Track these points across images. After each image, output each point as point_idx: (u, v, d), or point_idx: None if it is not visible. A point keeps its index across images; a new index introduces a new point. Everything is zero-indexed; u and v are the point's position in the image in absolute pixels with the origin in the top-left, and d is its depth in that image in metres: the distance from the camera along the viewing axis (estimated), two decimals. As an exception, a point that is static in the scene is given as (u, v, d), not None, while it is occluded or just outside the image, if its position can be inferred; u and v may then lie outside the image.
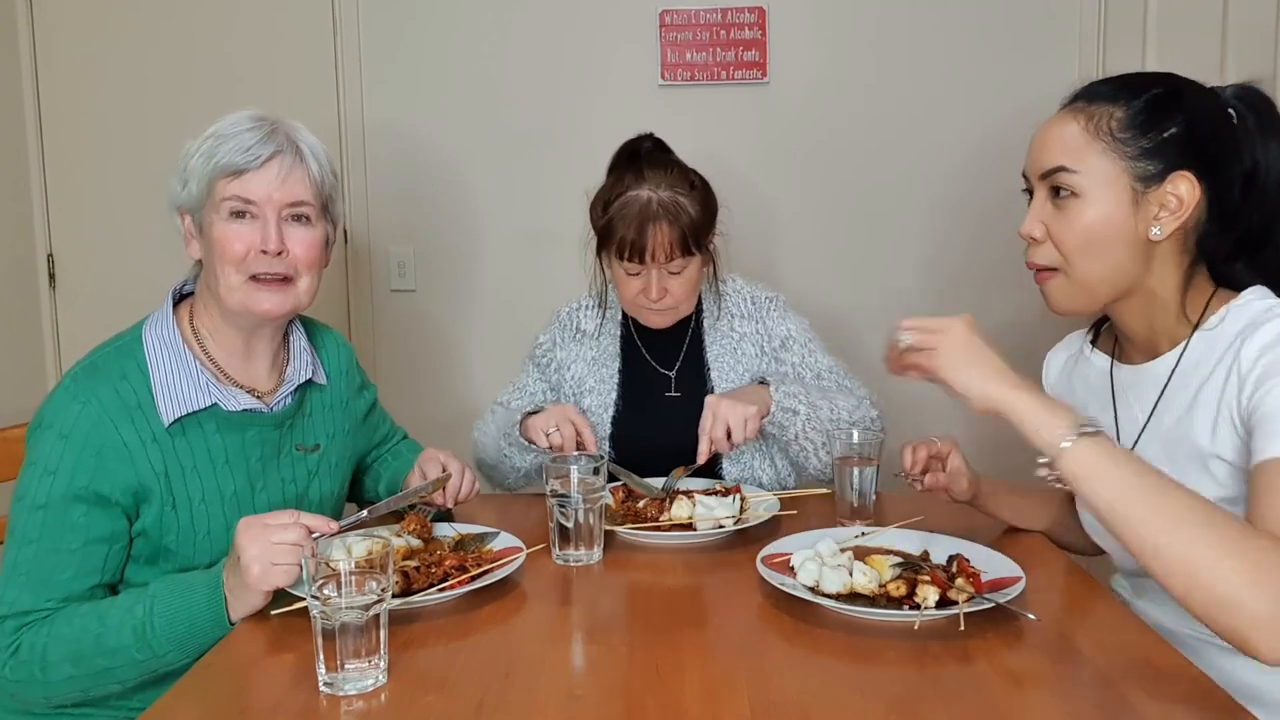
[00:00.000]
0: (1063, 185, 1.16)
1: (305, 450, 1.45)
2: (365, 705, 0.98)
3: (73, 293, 2.72)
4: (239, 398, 1.35)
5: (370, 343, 2.76)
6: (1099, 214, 1.15)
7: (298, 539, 1.14)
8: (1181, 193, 1.13)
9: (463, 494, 1.51)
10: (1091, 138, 1.15)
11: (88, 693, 1.23)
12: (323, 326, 1.59)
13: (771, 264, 2.65)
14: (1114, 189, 1.14)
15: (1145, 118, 1.14)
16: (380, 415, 1.71)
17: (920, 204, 2.65)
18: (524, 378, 1.90)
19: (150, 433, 1.28)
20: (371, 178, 2.69)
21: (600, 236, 1.71)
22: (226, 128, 1.32)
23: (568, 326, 1.87)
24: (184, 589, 1.20)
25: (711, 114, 2.63)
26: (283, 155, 1.32)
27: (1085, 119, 1.16)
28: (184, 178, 1.33)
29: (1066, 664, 1.05)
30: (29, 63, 2.66)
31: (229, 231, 1.31)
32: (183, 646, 1.19)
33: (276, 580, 1.14)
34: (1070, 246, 1.17)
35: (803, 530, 1.40)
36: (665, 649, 1.09)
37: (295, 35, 2.65)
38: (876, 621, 1.13)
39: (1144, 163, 1.14)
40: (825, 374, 1.79)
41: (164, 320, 1.36)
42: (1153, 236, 1.15)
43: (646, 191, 1.65)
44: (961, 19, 2.58)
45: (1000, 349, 1.09)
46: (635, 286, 1.69)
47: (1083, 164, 1.15)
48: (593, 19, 2.62)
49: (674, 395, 1.80)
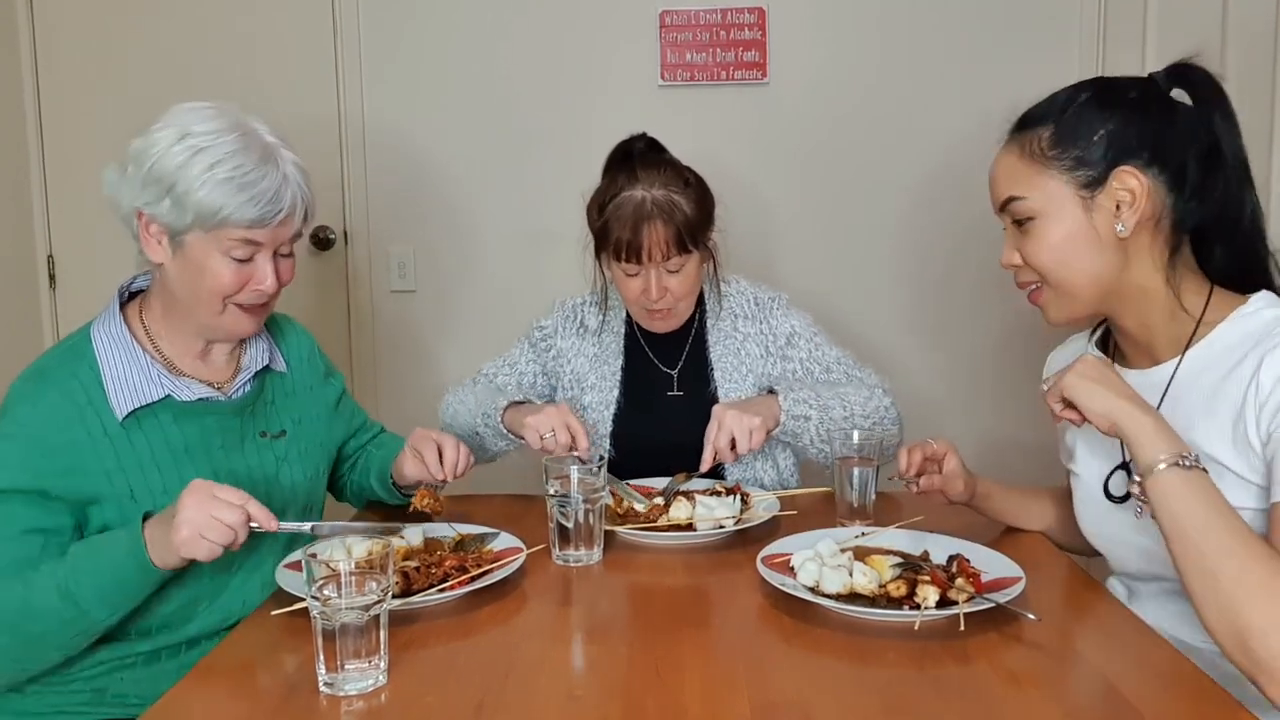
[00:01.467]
0: (1018, 213, 1.22)
1: (270, 436, 1.44)
2: (365, 705, 0.98)
3: (73, 293, 2.72)
4: (193, 387, 1.34)
5: (370, 343, 2.76)
6: (1060, 229, 1.19)
7: (234, 522, 1.16)
8: (1131, 186, 1.16)
9: (460, 468, 1.51)
10: (1029, 162, 1.20)
11: (23, 664, 1.22)
12: (282, 315, 1.57)
13: (771, 264, 2.65)
14: (1065, 202, 1.18)
15: (1070, 129, 1.18)
16: (353, 405, 1.69)
17: (920, 204, 2.65)
18: (515, 353, 1.89)
19: (102, 429, 1.28)
20: (371, 178, 2.70)
21: (597, 238, 1.71)
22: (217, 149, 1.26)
23: (572, 318, 1.87)
24: (103, 543, 1.21)
25: (711, 114, 2.63)
26: (295, 207, 1.32)
27: (1020, 147, 1.21)
28: (165, 192, 1.26)
29: (1066, 664, 1.05)
30: (29, 63, 2.66)
31: (226, 269, 1.30)
32: (108, 599, 1.19)
33: (197, 551, 1.15)
34: (1044, 264, 1.21)
35: (803, 530, 1.40)
36: (665, 649, 1.09)
37: (295, 35, 2.65)
38: (876, 621, 1.13)
39: (1082, 171, 1.17)
40: (834, 365, 1.78)
41: (112, 319, 1.35)
42: (1120, 234, 1.17)
43: (640, 191, 1.65)
44: (961, 19, 2.58)
45: (1004, 350, 1.11)
46: (636, 287, 1.69)
47: (1030, 189, 1.20)
48: (593, 19, 2.62)
49: (676, 394, 1.79)
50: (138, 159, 1.29)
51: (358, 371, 2.75)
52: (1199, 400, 1.16)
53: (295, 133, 1.39)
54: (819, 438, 1.63)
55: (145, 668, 1.32)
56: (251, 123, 1.33)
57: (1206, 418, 1.14)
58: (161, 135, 1.28)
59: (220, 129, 1.28)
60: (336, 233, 2.71)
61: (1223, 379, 1.14)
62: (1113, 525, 1.27)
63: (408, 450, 1.52)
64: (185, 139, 1.27)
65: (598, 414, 1.79)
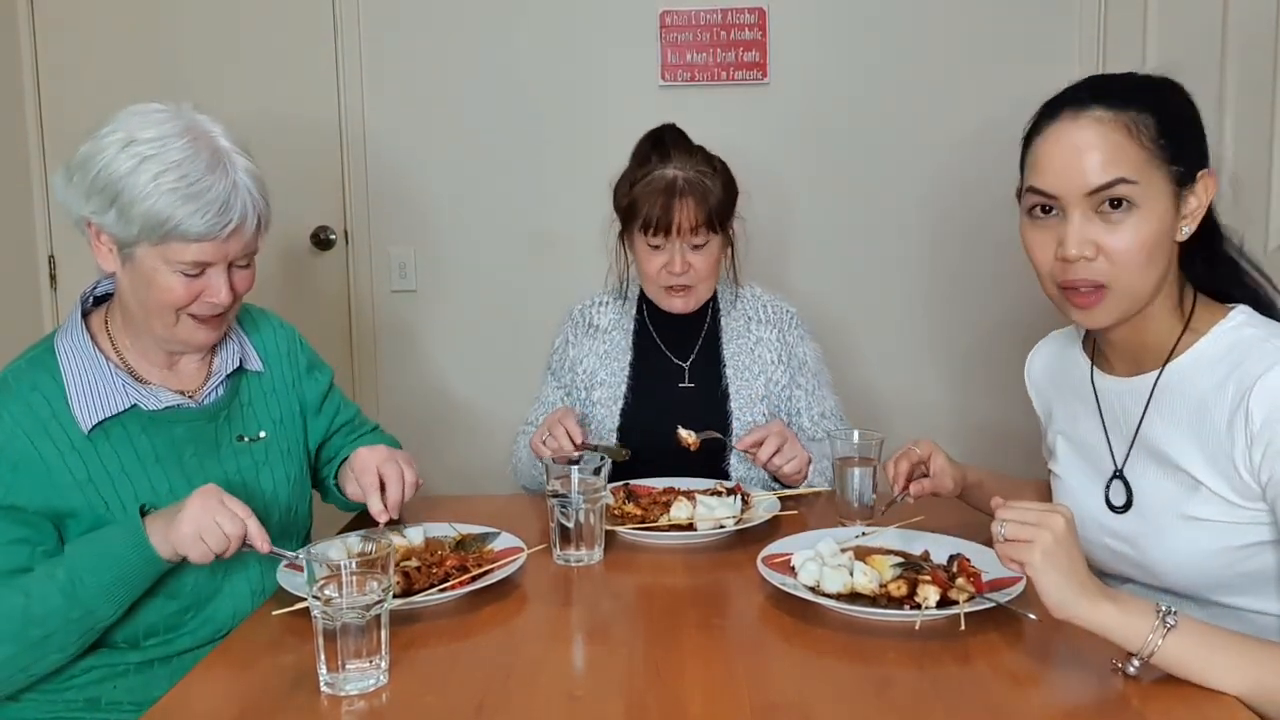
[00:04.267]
0: (1124, 197, 1.08)
1: (249, 440, 1.41)
2: (366, 705, 0.98)
3: (73, 294, 2.67)
4: (160, 395, 1.31)
5: (370, 343, 2.76)
6: (1152, 226, 1.09)
7: (232, 533, 1.18)
8: (1209, 191, 1.12)
9: (407, 496, 1.45)
10: (1139, 147, 1.09)
11: (29, 669, 1.22)
12: (258, 310, 1.52)
13: (772, 264, 2.65)
14: (1164, 197, 1.10)
15: (1174, 123, 1.11)
16: (340, 401, 1.62)
17: (920, 204, 2.65)
18: (544, 389, 1.91)
19: (69, 442, 1.25)
20: (372, 178, 2.70)
21: (625, 216, 1.76)
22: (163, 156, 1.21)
23: (580, 324, 1.89)
24: (99, 540, 1.21)
25: (711, 114, 2.62)
26: (245, 217, 1.26)
27: (1126, 127, 1.09)
28: (110, 202, 1.22)
29: (1066, 664, 1.05)
30: (29, 62, 2.66)
31: (174, 283, 1.26)
32: (112, 595, 1.20)
33: (192, 551, 1.18)
34: (1129, 261, 1.10)
35: (803, 530, 1.41)
36: (665, 649, 1.09)
37: (296, 36, 2.65)
38: (877, 621, 1.13)
39: (1178, 166, 1.10)
40: (829, 414, 1.82)
41: (74, 328, 1.32)
42: (1180, 237, 1.13)
43: (673, 170, 1.71)
44: (961, 19, 2.58)
45: (1004, 350, 1.09)
46: (658, 262, 1.73)
47: (1141, 175, 1.08)
48: (593, 19, 2.63)
49: (687, 386, 1.81)
50: (83, 166, 1.23)
51: (358, 372, 2.75)
52: (1180, 413, 1.15)
53: (296, 133, 1.38)
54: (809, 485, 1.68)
55: (138, 675, 1.30)
56: (205, 125, 1.27)
57: (1185, 431, 1.14)
58: (108, 140, 1.23)
59: (167, 135, 1.23)
60: (336, 233, 2.71)
61: (1204, 396, 1.12)
62: (1091, 529, 1.24)
63: (350, 472, 1.47)
64: (130, 145, 1.22)
65: (605, 408, 1.80)
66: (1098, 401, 1.26)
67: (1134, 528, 1.20)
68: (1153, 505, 1.18)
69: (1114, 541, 1.22)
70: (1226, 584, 1.14)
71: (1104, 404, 1.26)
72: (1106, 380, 1.25)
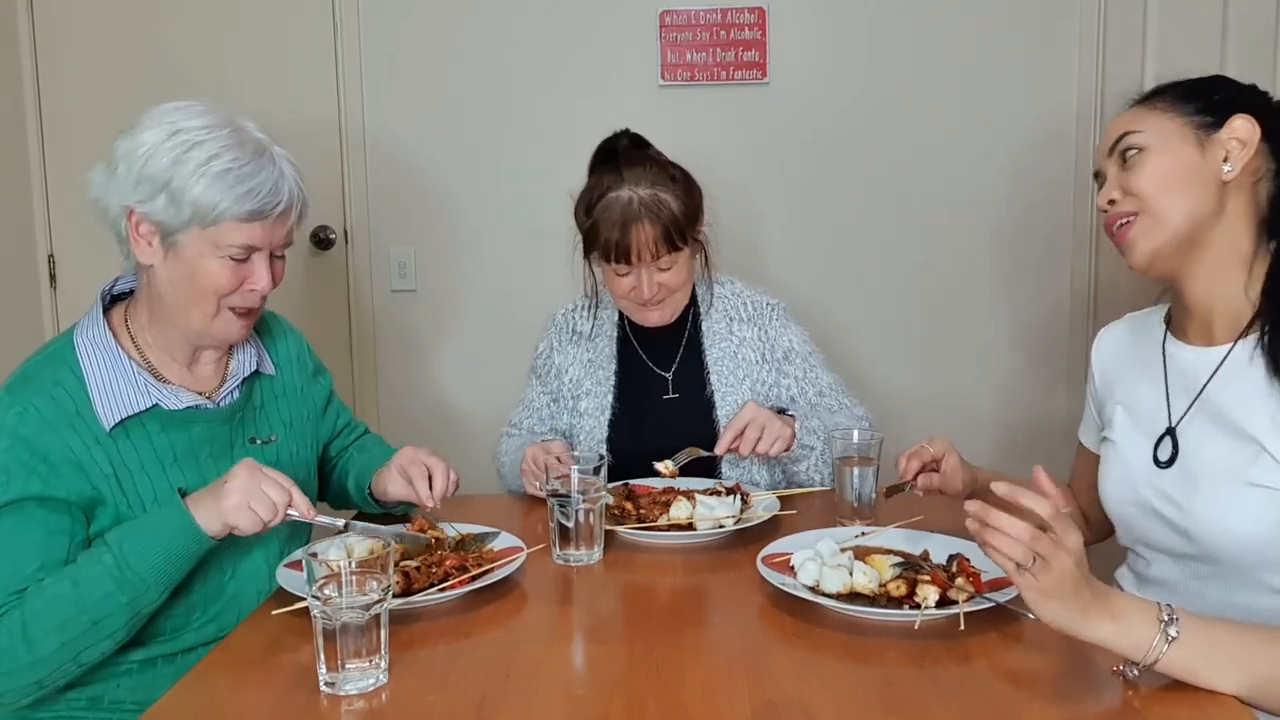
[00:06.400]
0: (1131, 145, 1.25)
1: (261, 442, 1.43)
2: (366, 705, 0.98)
3: (73, 293, 2.72)
4: (180, 395, 1.33)
5: (370, 343, 2.76)
6: (1167, 160, 1.22)
7: (279, 500, 1.22)
8: (1242, 135, 1.20)
9: (450, 491, 1.49)
10: (1148, 109, 1.26)
11: (80, 659, 1.21)
12: (270, 314, 1.53)
13: (770, 264, 2.65)
14: (1178, 137, 1.23)
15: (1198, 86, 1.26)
16: (339, 405, 1.66)
17: (920, 204, 2.65)
18: (529, 392, 1.89)
19: (93, 437, 1.26)
20: (372, 178, 2.70)
21: (586, 239, 1.71)
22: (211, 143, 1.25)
23: (564, 329, 1.86)
24: (143, 525, 1.22)
25: (712, 114, 2.63)
26: (292, 202, 1.31)
27: (1142, 103, 1.28)
28: (159, 189, 1.24)
29: (1066, 664, 1.05)
30: (29, 63, 2.66)
31: (223, 269, 1.28)
32: (163, 576, 1.21)
33: (241, 519, 1.20)
34: (1145, 188, 1.23)
35: (803, 530, 1.40)
36: (665, 649, 1.09)
37: (296, 36, 2.65)
38: (876, 621, 1.13)
39: (1200, 116, 1.22)
40: (826, 391, 1.79)
41: (95, 324, 1.32)
42: (1225, 175, 1.20)
43: (627, 191, 1.64)
44: (961, 19, 2.58)
45: (1004, 349, 1.09)
46: (626, 285, 1.69)
47: (1143, 125, 1.25)
48: (593, 19, 2.63)
49: (671, 397, 1.79)
50: (128, 157, 1.26)
51: (358, 371, 2.75)
52: (1248, 386, 1.17)
53: (296, 133, 1.38)
54: (814, 467, 1.67)
55: (141, 675, 1.31)
56: (241, 120, 1.31)
57: (1254, 403, 1.16)
58: (150, 133, 1.26)
59: (211, 124, 1.27)
60: (336, 233, 2.71)
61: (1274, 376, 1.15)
62: (1138, 486, 1.27)
63: (394, 471, 1.50)
64: (177, 134, 1.25)
65: (593, 419, 1.78)
66: (1165, 367, 1.29)
67: (1180, 487, 1.21)
68: (1205, 465, 1.19)
69: (1159, 501, 1.23)
70: (1276, 562, 1.14)
71: (1171, 369, 1.28)
72: (1179, 347, 1.28)
